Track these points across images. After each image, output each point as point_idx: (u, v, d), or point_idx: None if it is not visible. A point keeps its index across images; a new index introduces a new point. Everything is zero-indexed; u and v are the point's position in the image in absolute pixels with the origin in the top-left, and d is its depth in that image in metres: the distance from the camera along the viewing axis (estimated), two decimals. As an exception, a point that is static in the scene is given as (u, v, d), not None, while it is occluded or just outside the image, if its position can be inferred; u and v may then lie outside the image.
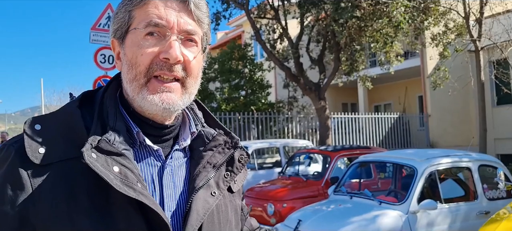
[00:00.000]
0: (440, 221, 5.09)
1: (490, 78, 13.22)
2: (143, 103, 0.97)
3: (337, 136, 15.18)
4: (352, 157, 8.14)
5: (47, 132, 0.92)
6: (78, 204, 0.87)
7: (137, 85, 0.96)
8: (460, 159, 5.71)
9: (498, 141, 15.00)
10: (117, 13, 1.01)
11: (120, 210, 0.89)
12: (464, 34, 11.64)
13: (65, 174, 0.89)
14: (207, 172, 1.03)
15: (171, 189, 1.00)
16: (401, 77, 17.85)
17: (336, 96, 20.18)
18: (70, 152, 0.90)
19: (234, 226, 1.11)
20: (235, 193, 1.14)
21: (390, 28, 10.56)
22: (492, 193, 5.65)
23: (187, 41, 0.99)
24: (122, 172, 0.90)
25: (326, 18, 12.06)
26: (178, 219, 0.98)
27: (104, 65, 7.97)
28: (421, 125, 17.42)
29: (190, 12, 0.99)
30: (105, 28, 7.99)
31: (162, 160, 1.01)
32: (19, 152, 0.89)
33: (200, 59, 1.04)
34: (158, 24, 0.95)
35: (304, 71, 13.10)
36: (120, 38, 1.01)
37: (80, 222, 0.86)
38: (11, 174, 0.88)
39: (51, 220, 0.86)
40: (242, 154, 1.10)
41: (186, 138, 1.07)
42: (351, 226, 4.80)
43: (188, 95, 1.01)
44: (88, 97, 1.03)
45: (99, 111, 0.98)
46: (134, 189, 0.89)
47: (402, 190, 5.60)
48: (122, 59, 1.01)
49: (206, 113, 1.15)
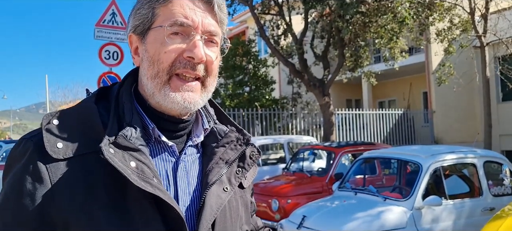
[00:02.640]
0: (445, 217, 5.08)
1: (495, 74, 13.17)
2: (164, 100, 0.98)
3: (341, 132, 15.17)
4: (356, 153, 8.12)
5: (65, 127, 0.94)
6: (96, 197, 0.89)
7: (159, 82, 0.98)
8: (465, 155, 5.69)
9: (503, 137, 14.94)
10: (139, 9, 1.01)
11: (136, 204, 0.91)
12: (469, 30, 11.59)
13: (82, 168, 0.90)
14: (219, 168, 1.05)
15: (185, 184, 1.02)
16: (406, 73, 17.80)
17: (340, 92, 20.14)
18: (88, 147, 0.92)
19: (244, 221, 1.14)
20: (245, 189, 1.16)
21: (394, 24, 10.52)
22: (497, 190, 5.63)
23: (209, 42, 1.01)
24: (139, 167, 0.91)
25: (330, 14, 12.02)
26: (192, 214, 1.00)
27: (109, 61, 7.98)
28: (426, 121, 17.37)
29: (214, 13, 1.01)
30: (110, 25, 7.99)
31: (176, 156, 1.03)
32: (38, 146, 0.91)
33: (219, 60, 1.06)
34: (183, 23, 0.97)
35: (308, 67, 13.08)
36: (141, 34, 1.02)
37: (97, 215, 0.88)
38: (30, 168, 0.90)
39: (69, 213, 0.88)
40: (253, 150, 1.12)
41: (199, 134, 1.09)
42: (356, 222, 4.80)
43: (207, 93, 1.04)
44: (104, 93, 1.05)
45: (115, 107, 0.99)
46: (151, 184, 0.90)
47: (407, 186, 5.59)
48: (142, 55, 1.02)
49: (218, 111, 1.16)
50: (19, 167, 0.91)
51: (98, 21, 7.98)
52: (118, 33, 8.08)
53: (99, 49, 7.98)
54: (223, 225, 1.03)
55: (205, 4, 1.00)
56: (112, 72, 8.09)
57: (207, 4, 1.00)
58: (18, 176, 0.91)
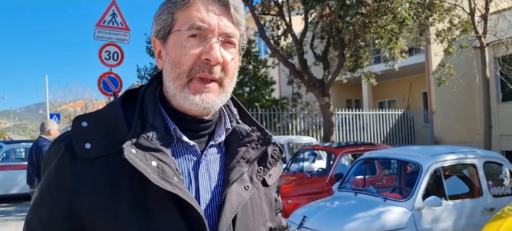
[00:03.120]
0: (445, 218, 5.08)
1: (495, 74, 13.18)
2: (184, 102, 1.03)
3: (341, 132, 15.18)
4: (356, 153, 8.13)
5: (92, 129, 1.00)
6: (120, 195, 0.95)
7: (179, 84, 1.02)
8: (465, 155, 5.70)
9: (503, 137, 14.95)
10: (160, 15, 1.06)
11: (157, 202, 0.95)
12: (469, 31, 11.59)
13: (108, 167, 0.96)
14: (240, 167, 1.08)
15: (206, 182, 1.06)
16: (406, 73, 17.80)
17: (340, 92, 20.15)
18: (113, 147, 0.97)
19: (268, 218, 1.17)
20: (270, 186, 1.19)
21: (394, 25, 10.52)
22: (497, 190, 5.63)
23: (226, 43, 1.05)
24: (159, 167, 0.96)
25: (330, 14, 12.03)
26: (213, 211, 1.03)
27: (109, 62, 7.99)
28: (426, 121, 17.38)
29: (230, 15, 1.05)
30: (110, 25, 8.00)
31: (198, 155, 1.07)
32: (69, 146, 0.97)
33: (237, 60, 1.10)
34: (200, 27, 1.01)
35: (308, 68, 13.08)
36: (163, 38, 1.07)
37: (121, 212, 0.94)
38: (61, 168, 0.97)
39: (95, 209, 0.94)
40: (275, 149, 1.15)
41: (221, 134, 1.12)
42: (356, 222, 4.80)
43: (225, 94, 1.07)
44: (130, 95, 1.10)
45: (140, 109, 1.04)
46: (170, 182, 0.94)
47: (407, 187, 5.59)
48: (164, 58, 1.07)
49: (241, 110, 1.20)
50: (52, 166, 0.99)
51: (98, 22, 7.98)
52: (118, 34, 8.08)
53: (99, 50, 7.98)
54: (245, 222, 1.06)
55: (221, 7, 1.04)
56: (112, 72, 8.10)
57: (223, 7, 1.04)
58: (52, 175, 0.98)
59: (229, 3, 1.04)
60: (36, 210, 0.99)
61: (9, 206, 11.62)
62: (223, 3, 1.04)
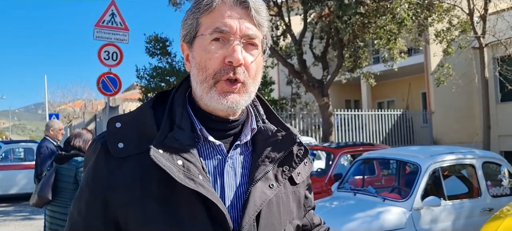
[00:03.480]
0: (443, 218, 5.09)
1: (494, 75, 13.19)
2: (210, 102, 1.08)
3: (340, 132, 15.18)
4: (355, 153, 8.13)
5: (125, 129, 1.07)
6: (149, 191, 1.01)
7: (206, 86, 1.07)
8: (464, 155, 5.71)
9: (502, 138, 14.96)
10: (186, 20, 1.12)
11: (183, 199, 1.01)
12: (468, 31, 11.60)
13: (139, 166, 1.02)
14: (265, 166, 1.11)
15: (231, 181, 1.10)
16: (405, 74, 17.82)
17: (339, 93, 20.16)
18: (144, 146, 1.03)
19: (295, 215, 1.21)
20: (299, 184, 1.22)
21: (393, 25, 10.53)
22: (496, 190, 5.64)
23: (248, 44, 1.09)
24: (185, 165, 1.01)
25: (329, 14, 12.04)
26: (237, 209, 1.08)
27: (108, 62, 7.99)
28: (425, 121, 17.39)
29: (251, 17, 1.09)
30: (109, 25, 8.00)
31: (224, 154, 1.11)
32: (103, 146, 1.05)
33: (260, 60, 1.14)
34: (223, 30, 1.06)
35: (307, 68, 13.08)
36: (189, 43, 1.13)
37: (150, 207, 1.00)
38: (97, 165, 1.05)
39: (127, 204, 1.01)
40: (300, 148, 1.18)
41: (247, 133, 1.15)
42: (355, 222, 4.80)
43: (248, 94, 1.11)
44: (162, 97, 1.16)
45: (169, 110, 1.11)
46: (195, 181, 1.00)
47: (406, 187, 5.60)
48: (191, 61, 1.13)
49: (268, 110, 1.24)
50: (90, 164, 1.08)
51: (97, 22, 7.98)
52: (118, 34, 8.08)
53: (99, 50, 7.98)
54: (269, 219, 1.09)
55: (242, 10, 1.08)
56: (111, 72, 8.09)
57: (245, 10, 1.08)
58: (90, 172, 1.07)
59: (250, 6, 1.08)
60: (76, 203, 1.09)
61: (8, 206, 11.61)
62: (244, 6, 1.08)
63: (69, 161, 4.31)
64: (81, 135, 4.46)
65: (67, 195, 4.29)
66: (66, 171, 4.31)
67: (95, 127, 13.34)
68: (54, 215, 4.32)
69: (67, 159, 4.33)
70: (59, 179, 4.33)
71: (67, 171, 4.30)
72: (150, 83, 14.79)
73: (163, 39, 14.89)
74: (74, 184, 4.29)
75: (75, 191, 4.30)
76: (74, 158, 4.32)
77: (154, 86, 14.64)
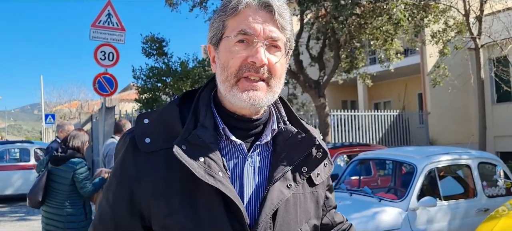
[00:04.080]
0: (439, 218, 5.10)
1: (490, 76, 13.25)
2: (233, 100, 1.12)
3: (336, 133, 15.20)
4: (351, 154, 8.14)
5: (152, 125, 1.13)
6: (173, 185, 1.07)
7: (228, 84, 1.12)
8: (459, 156, 5.72)
9: (498, 139, 15.02)
10: (213, 23, 1.17)
11: (204, 194, 1.06)
12: (464, 32, 11.65)
13: (164, 160, 1.08)
14: (284, 166, 1.15)
15: (251, 179, 1.14)
16: (401, 74, 17.86)
17: (335, 93, 20.18)
18: (169, 142, 1.08)
19: (312, 215, 1.24)
20: (318, 185, 1.26)
21: (390, 26, 10.56)
22: (492, 191, 5.66)
23: (271, 46, 1.13)
24: (206, 162, 1.06)
25: (326, 15, 12.05)
26: (255, 207, 1.12)
27: (104, 62, 7.97)
28: (421, 122, 17.44)
29: (275, 21, 1.13)
30: (105, 25, 7.98)
31: (244, 153, 1.15)
32: (132, 140, 1.11)
33: (284, 62, 1.18)
34: (247, 32, 1.10)
35: (304, 69, 13.10)
36: (215, 44, 1.17)
37: (173, 200, 1.06)
38: (125, 158, 1.12)
39: (151, 196, 1.07)
40: (319, 151, 1.22)
41: (268, 134, 1.19)
42: (351, 223, 4.80)
43: (272, 93, 1.15)
44: (189, 96, 1.21)
45: (194, 109, 1.15)
46: (214, 177, 1.05)
47: (402, 187, 5.61)
48: (217, 62, 1.17)
49: (289, 111, 1.27)
50: (120, 157, 1.14)
51: (93, 22, 7.97)
52: (114, 34, 8.07)
53: (95, 50, 7.96)
54: (286, 218, 1.13)
55: (266, 13, 1.12)
56: (107, 73, 8.08)
57: (269, 13, 1.12)
58: (119, 164, 1.13)
59: (274, 9, 1.12)
60: (105, 193, 1.16)
61: (3, 206, 11.57)
62: (268, 10, 1.12)
63: (65, 162, 4.30)
64: (78, 136, 4.44)
65: (62, 196, 4.27)
66: (62, 172, 4.29)
67: (91, 127, 13.27)
68: (49, 216, 4.31)
69: (63, 160, 4.31)
70: (54, 180, 4.31)
71: (63, 173, 4.28)
72: (146, 83, 14.73)
73: (159, 39, 14.84)
74: (71, 186, 4.28)
75: (71, 192, 4.29)
76: (71, 159, 4.30)
77: (151, 86, 14.59)
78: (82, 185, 4.26)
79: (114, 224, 1.11)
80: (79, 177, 4.25)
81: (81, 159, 4.36)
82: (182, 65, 14.74)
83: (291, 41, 1.20)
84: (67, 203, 4.26)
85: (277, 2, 1.14)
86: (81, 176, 4.26)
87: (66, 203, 4.26)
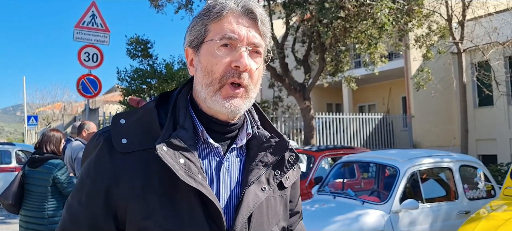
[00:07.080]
0: (421, 221, 5.15)
1: (472, 80, 13.43)
2: (214, 106, 1.13)
3: (321, 136, 15.27)
4: (336, 157, 8.19)
5: (129, 126, 1.12)
6: (151, 186, 1.06)
7: (212, 89, 1.12)
8: (441, 159, 5.79)
9: (479, 142, 15.25)
10: (194, 26, 1.17)
11: (183, 195, 1.06)
12: (447, 37, 11.80)
13: (142, 161, 1.08)
14: (259, 169, 1.18)
15: (226, 182, 1.16)
16: (385, 78, 18.03)
17: (321, 96, 20.29)
18: (147, 143, 1.09)
19: (281, 217, 1.27)
20: (286, 189, 1.29)
21: (374, 30, 10.65)
22: (473, 193, 5.74)
23: (253, 52, 1.15)
24: (186, 164, 1.06)
25: (311, 18, 12.12)
26: (231, 209, 1.14)
27: (88, 63, 7.89)
28: (405, 125, 17.61)
29: (258, 27, 1.16)
30: (90, 26, 7.91)
31: (221, 157, 1.16)
32: (107, 140, 1.10)
33: (261, 69, 1.20)
34: (231, 37, 1.12)
35: (289, 72, 13.14)
36: (196, 48, 1.18)
37: (152, 201, 1.05)
38: (100, 157, 1.09)
39: (129, 198, 1.06)
40: (292, 155, 1.24)
41: (243, 138, 1.21)
42: (335, 225, 4.84)
43: (249, 100, 1.17)
44: (165, 98, 1.22)
45: (172, 110, 1.15)
46: (195, 179, 1.05)
47: (385, 190, 5.65)
48: (196, 65, 1.17)
49: (262, 117, 1.29)
50: (93, 157, 1.11)
51: (77, 23, 7.89)
52: (98, 35, 8.00)
53: (78, 51, 7.88)
54: (260, 220, 1.15)
55: (250, 20, 1.15)
56: (91, 74, 8.00)
57: (252, 20, 1.15)
58: (92, 164, 1.10)
59: (257, 16, 1.15)
60: (76, 194, 1.12)
61: (-17, 209, 11.36)
62: (251, 17, 1.15)
63: (43, 164, 4.23)
64: (51, 138, 4.36)
65: (41, 198, 4.21)
66: (39, 174, 4.22)
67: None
68: (29, 220, 4.23)
69: (41, 162, 4.25)
70: (31, 182, 4.23)
71: (41, 175, 4.22)
72: (131, 85, 14.65)
73: (144, 41, 14.78)
74: (52, 187, 4.22)
75: (52, 193, 4.23)
76: (50, 160, 4.25)
77: (135, 88, 14.51)
78: (65, 186, 4.21)
79: (88, 225, 1.08)
80: (61, 179, 4.20)
81: (60, 160, 4.31)
82: (167, 67, 14.68)
83: (269, 49, 1.23)
84: (47, 204, 4.20)
85: (260, 10, 1.16)
86: (62, 177, 4.22)
87: (47, 205, 4.20)
